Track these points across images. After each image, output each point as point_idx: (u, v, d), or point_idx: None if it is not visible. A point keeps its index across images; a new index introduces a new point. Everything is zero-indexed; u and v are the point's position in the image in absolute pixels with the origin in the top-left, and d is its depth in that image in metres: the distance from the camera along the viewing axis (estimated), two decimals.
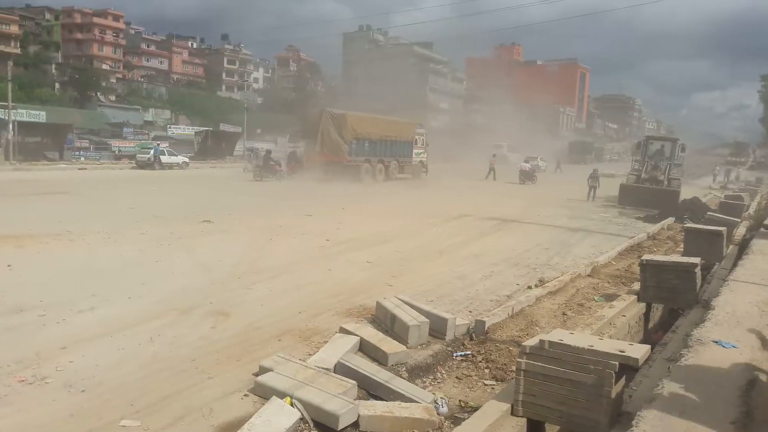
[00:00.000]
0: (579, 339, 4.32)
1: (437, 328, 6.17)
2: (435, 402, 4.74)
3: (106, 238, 10.68)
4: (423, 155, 33.26)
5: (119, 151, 39.89)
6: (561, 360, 4.10)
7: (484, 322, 6.41)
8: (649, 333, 7.91)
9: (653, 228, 15.52)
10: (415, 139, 32.42)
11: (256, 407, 4.31)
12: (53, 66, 67.49)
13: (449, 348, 6.02)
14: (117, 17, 78.26)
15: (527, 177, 32.32)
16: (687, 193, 22.00)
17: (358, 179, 26.98)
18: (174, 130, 54.81)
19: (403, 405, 4.51)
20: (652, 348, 5.04)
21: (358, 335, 5.74)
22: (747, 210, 19.88)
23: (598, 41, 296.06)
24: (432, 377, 5.46)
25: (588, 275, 9.51)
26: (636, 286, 8.09)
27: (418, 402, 4.64)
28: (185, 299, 7.04)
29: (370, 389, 4.89)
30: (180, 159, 35.37)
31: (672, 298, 7.62)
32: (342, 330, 5.93)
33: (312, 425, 4.18)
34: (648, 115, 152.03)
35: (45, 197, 17.26)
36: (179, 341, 5.70)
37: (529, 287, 8.52)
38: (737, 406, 3.60)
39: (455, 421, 4.52)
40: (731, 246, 11.72)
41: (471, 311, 7.23)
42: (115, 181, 24.75)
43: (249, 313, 6.66)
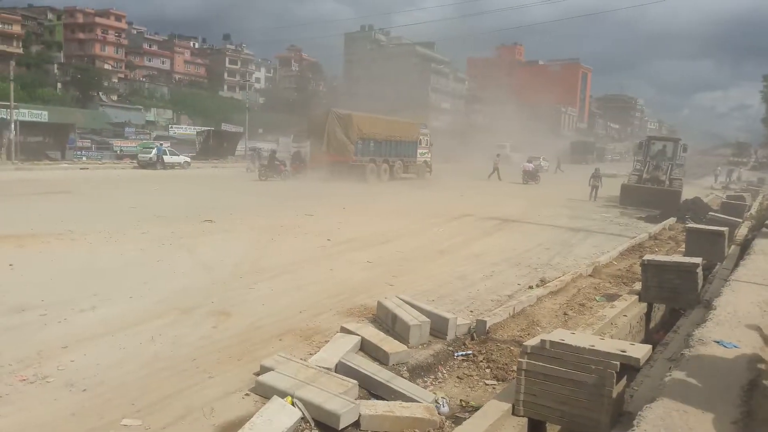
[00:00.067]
0: (580, 339, 4.32)
1: (438, 327, 6.16)
2: (436, 402, 4.73)
3: (107, 237, 10.70)
4: (427, 155, 33.33)
5: (121, 151, 39.98)
6: (562, 360, 4.10)
7: (485, 321, 6.40)
8: (651, 333, 7.90)
9: (655, 228, 15.50)
10: (420, 139, 32.49)
11: (257, 406, 4.31)
12: (55, 66, 67.60)
13: (450, 348, 6.01)
14: (119, 17, 78.46)
15: (530, 177, 32.31)
16: (689, 194, 21.96)
17: (363, 179, 27.02)
18: (176, 129, 54.82)
19: (404, 404, 4.51)
20: (653, 348, 5.03)
21: (359, 335, 5.74)
22: (749, 210, 19.84)
23: (599, 41, 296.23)
24: (433, 377, 5.46)
25: (589, 275, 9.50)
26: (637, 286, 8.08)
27: (419, 401, 4.64)
28: (186, 299, 7.05)
29: (371, 389, 4.89)
30: (182, 159, 35.44)
31: (673, 298, 7.62)
32: (343, 329, 5.93)
33: (313, 425, 4.17)
34: (650, 115, 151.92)
35: (47, 197, 17.30)
36: (180, 341, 5.71)
37: (531, 287, 8.51)
38: (739, 405, 3.59)
39: (456, 421, 4.52)
40: (733, 246, 11.71)
41: (472, 311, 7.23)
42: (117, 181, 24.79)
43: (250, 313, 6.66)
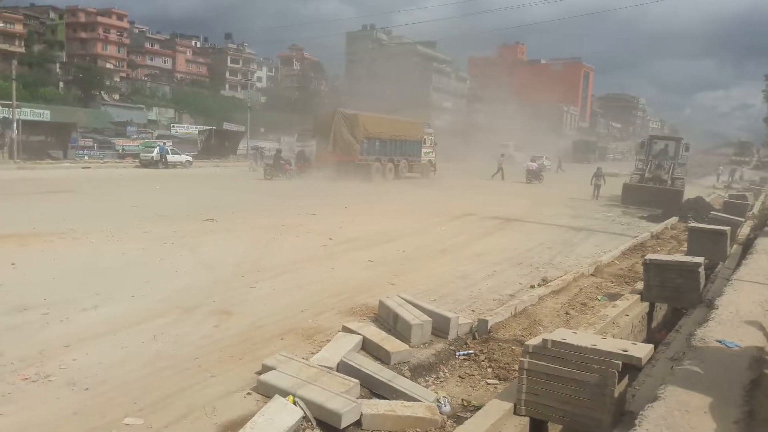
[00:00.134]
0: (582, 338, 4.31)
1: (440, 327, 6.16)
2: (438, 401, 4.73)
3: (109, 236, 10.71)
4: (431, 154, 33.55)
5: (123, 150, 39.99)
6: (564, 359, 4.10)
7: (486, 321, 6.40)
8: (653, 332, 7.90)
9: (657, 227, 15.48)
10: (424, 139, 32.67)
11: (258, 406, 4.32)
12: (57, 65, 67.75)
13: (452, 347, 6.00)
14: (121, 16, 78.58)
15: (534, 176, 32.33)
16: (690, 193, 21.94)
17: (368, 178, 27.16)
18: (177, 128, 54.93)
19: (406, 404, 4.51)
20: (655, 347, 5.02)
21: (360, 334, 5.74)
22: (751, 209, 19.79)
23: (601, 40, 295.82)
24: (435, 376, 5.45)
25: (591, 274, 9.49)
26: (639, 285, 8.08)
27: (420, 401, 4.63)
28: (188, 298, 7.06)
29: (372, 388, 4.88)
30: (183, 158, 35.46)
31: (675, 297, 7.62)
32: (345, 329, 5.93)
33: (314, 424, 4.17)
34: (652, 115, 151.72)
35: (49, 196, 17.32)
36: (182, 340, 5.72)
37: (532, 286, 8.51)
38: (740, 405, 3.59)
39: (458, 420, 4.51)
40: (735, 245, 11.70)
41: (474, 310, 7.22)
42: (119, 180, 24.81)
43: (252, 312, 6.67)
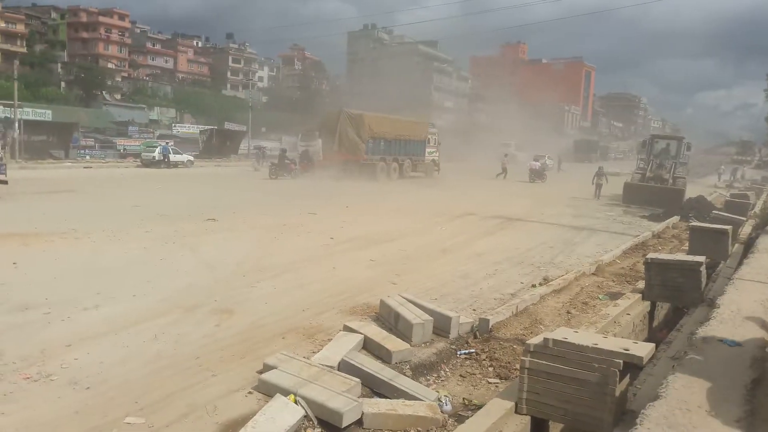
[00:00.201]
0: (583, 337, 4.31)
1: (441, 326, 6.16)
2: (439, 400, 4.73)
3: (111, 236, 10.72)
4: (435, 154, 33.72)
5: (124, 150, 40.09)
6: (565, 358, 4.09)
7: (488, 320, 6.40)
8: (654, 331, 7.88)
9: (658, 226, 15.47)
10: (428, 139, 32.80)
11: (260, 405, 4.32)
12: (59, 65, 67.80)
13: (453, 346, 6.01)
14: (122, 16, 78.64)
15: (537, 175, 32.37)
16: (692, 192, 21.91)
17: (373, 177, 27.31)
18: (179, 128, 55.05)
19: (407, 403, 4.51)
20: (656, 346, 5.02)
21: (361, 333, 5.74)
22: (752, 209, 19.76)
23: (603, 40, 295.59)
24: (436, 375, 5.45)
25: (592, 274, 9.48)
26: (641, 284, 8.07)
27: (422, 400, 4.63)
28: (189, 297, 7.07)
29: (374, 387, 4.89)
30: (185, 157, 35.51)
31: (677, 296, 7.60)
32: (346, 328, 5.94)
33: (316, 423, 4.18)
34: (653, 114, 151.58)
35: (50, 196, 17.34)
36: (183, 339, 5.72)
37: (534, 286, 8.50)
38: (742, 404, 3.58)
39: (459, 419, 4.51)
40: (737, 245, 11.67)
41: (475, 309, 7.22)
42: (120, 180, 24.84)
43: (253, 311, 6.67)
